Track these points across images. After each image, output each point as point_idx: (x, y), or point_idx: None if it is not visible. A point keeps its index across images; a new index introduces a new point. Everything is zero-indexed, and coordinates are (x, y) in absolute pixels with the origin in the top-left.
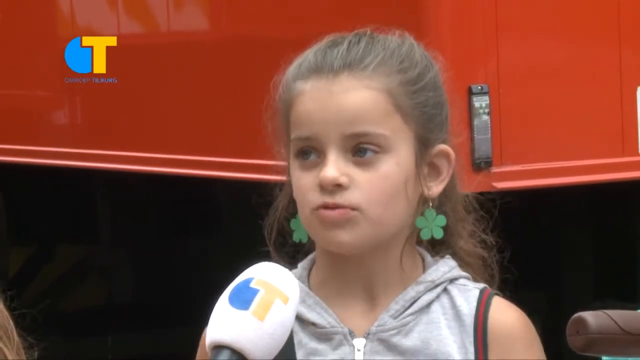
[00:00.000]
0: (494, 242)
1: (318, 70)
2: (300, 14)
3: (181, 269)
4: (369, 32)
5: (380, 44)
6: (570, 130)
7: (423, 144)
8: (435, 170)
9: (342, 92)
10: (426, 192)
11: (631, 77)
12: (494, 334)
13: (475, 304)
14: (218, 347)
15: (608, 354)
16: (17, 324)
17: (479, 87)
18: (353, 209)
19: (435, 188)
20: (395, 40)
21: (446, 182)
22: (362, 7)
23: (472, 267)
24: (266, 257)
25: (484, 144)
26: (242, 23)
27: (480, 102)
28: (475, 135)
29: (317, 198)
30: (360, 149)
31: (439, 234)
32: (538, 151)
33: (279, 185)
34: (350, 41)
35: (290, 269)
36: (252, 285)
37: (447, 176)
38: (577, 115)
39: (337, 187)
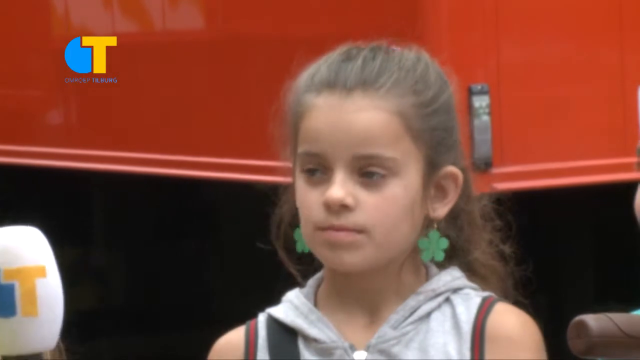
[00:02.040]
0: (512, 254)
1: (331, 85)
2: (298, 15)
3: (176, 271)
4: (384, 46)
5: (395, 61)
6: (571, 131)
7: (431, 166)
8: (441, 192)
9: (354, 111)
10: (432, 213)
11: (633, 76)
12: (491, 336)
13: (475, 311)
14: (7, 357)
15: (609, 357)
16: None
17: (479, 87)
18: (359, 231)
19: (441, 210)
20: (411, 59)
21: (452, 204)
22: (361, 6)
23: (486, 280)
24: (266, 257)
25: (484, 145)
26: (242, 23)
27: (480, 102)
28: (475, 135)
29: (322, 218)
30: (368, 170)
31: (440, 257)
32: (539, 152)
33: (282, 187)
34: (365, 56)
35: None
36: (2, 281)
37: (453, 198)
38: (578, 115)
39: (343, 207)
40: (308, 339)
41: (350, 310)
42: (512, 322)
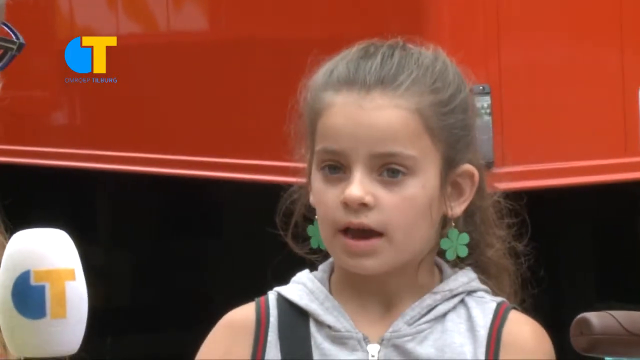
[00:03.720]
0: (524, 251)
1: (350, 83)
2: (301, 16)
3: (180, 270)
4: (401, 43)
5: (413, 59)
6: (572, 131)
7: (449, 165)
8: (457, 190)
9: (373, 109)
10: (449, 212)
11: (633, 77)
12: (506, 347)
13: (491, 316)
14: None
15: (612, 354)
16: None
17: (481, 87)
18: (378, 234)
19: (458, 208)
20: (429, 57)
21: (468, 202)
22: (364, 7)
23: (497, 280)
24: (271, 257)
25: (485, 145)
26: (242, 23)
27: (482, 103)
28: (476, 135)
29: (341, 217)
30: (388, 169)
31: (463, 253)
32: (540, 152)
33: (293, 186)
34: (384, 54)
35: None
36: (33, 282)
37: (469, 196)
38: (579, 115)
39: (362, 206)
40: (321, 324)
41: (365, 302)
42: (527, 332)
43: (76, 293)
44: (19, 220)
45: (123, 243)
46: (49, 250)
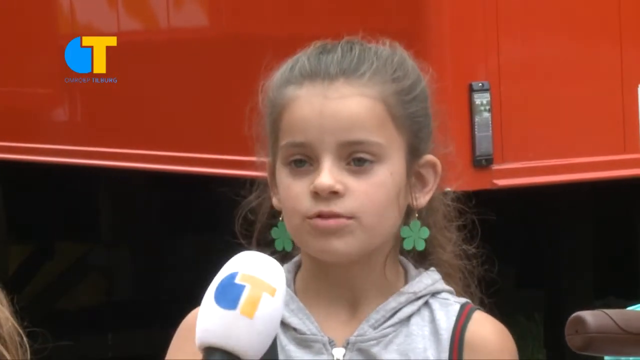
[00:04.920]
0: (475, 253)
1: (313, 75)
2: (300, 15)
3: (181, 267)
4: (359, 40)
5: (372, 52)
6: (571, 128)
7: (413, 154)
8: (421, 181)
9: (338, 98)
10: (414, 202)
11: (632, 74)
12: (469, 346)
13: (454, 318)
14: (210, 349)
15: (607, 353)
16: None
17: (480, 84)
18: (349, 217)
19: (422, 199)
20: (387, 50)
21: (432, 193)
22: (364, 5)
23: (454, 280)
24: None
25: (485, 141)
26: (242, 22)
27: (481, 99)
28: (476, 132)
29: (310, 206)
30: (355, 157)
31: (421, 246)
32: (539, 148)
33: (251, 182)
34: (343, 48)
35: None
36: (237, 281)
37: (433, 187)
38: (578, 112)
39: (332, 194)
40: (287, 326)
41: (330, 303)
42: (490, 332)
43: (269, 307)
44: (23, 218)
45: (124, 240)
46: (263, 267)
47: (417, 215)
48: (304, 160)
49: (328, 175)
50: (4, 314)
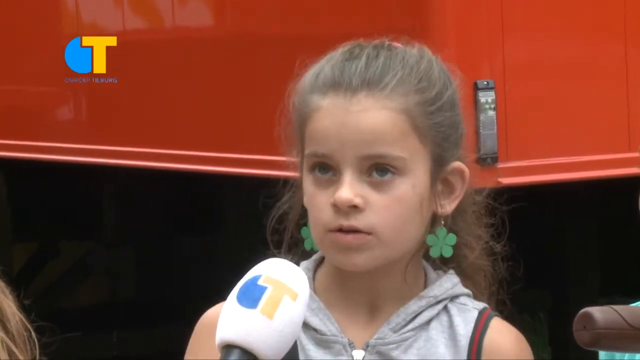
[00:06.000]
0: (503, 251)
1: (335, 86)
2: (304, 14)
3: (184, 266)
4: (387, 43)
5: (398, 59)
6: (576, 126)
7: (438, 163)
8: (448, 188)
9: (360, 111)
10: (439, 210)
11: (637, 73)
12: (487, 354)
13: (472, 325)
14: (228, 347)
15: (615, 349)
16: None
17: (485, 83)
18: (368, 232)
19: (449, 206)
20: (414, 56)
21: (459, 200)
22: (369, 4)
23: (475, 284)
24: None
25: (489, 140)
26: (244, 21)
27: (486, 98)
28: (481, 130)
29: (332, 219)
30: (377, 170)
31: (448, 253)
32: (544, 147)
33: (285, 182)
34: (368, 55)
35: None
36: (260, 282)
37: (460, 194)
38: (583, 110)
39: (352, 208)
40: (307, 326)
41: (350, 304)
42: (509, 341)
43: (290, 310)
44: (27, 216)
45: (127, 239)
46: (287, 272)
47: (442, 222)
48: (326, 169)
49: (348, 189)
50: (11, 309)
